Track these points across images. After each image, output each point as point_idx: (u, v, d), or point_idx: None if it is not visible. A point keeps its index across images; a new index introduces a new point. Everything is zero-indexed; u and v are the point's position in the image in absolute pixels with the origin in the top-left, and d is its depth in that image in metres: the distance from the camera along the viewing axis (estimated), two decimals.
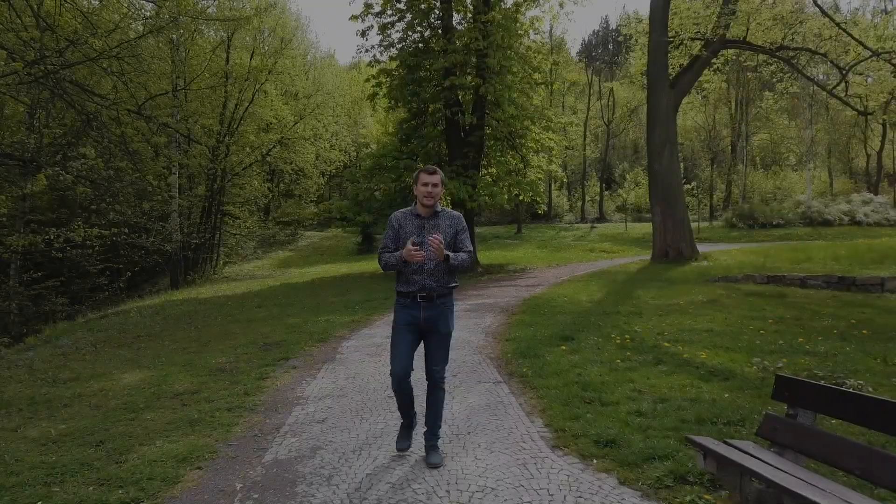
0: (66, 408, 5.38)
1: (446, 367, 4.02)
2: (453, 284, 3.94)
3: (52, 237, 14.09)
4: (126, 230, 14.96)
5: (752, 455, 2.99)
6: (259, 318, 10.85)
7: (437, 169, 3.88)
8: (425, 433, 3.99)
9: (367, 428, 4.58)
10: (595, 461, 3.85)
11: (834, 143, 46.30)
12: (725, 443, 3.21)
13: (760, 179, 46.96)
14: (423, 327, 3.87)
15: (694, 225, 37.75)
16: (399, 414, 4.13)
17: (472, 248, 3.96)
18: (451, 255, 3.76)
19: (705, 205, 46.23)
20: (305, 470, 3.79)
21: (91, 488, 3.60)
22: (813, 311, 9.81)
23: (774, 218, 36.13)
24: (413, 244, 3.66)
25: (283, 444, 4.27)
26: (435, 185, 3.83)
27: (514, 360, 6.80)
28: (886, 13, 24.12)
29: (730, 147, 45.76)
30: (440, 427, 4.03)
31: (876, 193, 41.30)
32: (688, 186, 45.99)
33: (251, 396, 5.51)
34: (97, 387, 6.08)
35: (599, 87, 49.75)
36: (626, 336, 7.96)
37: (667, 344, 7.49)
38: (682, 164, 50.97)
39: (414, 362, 3.94)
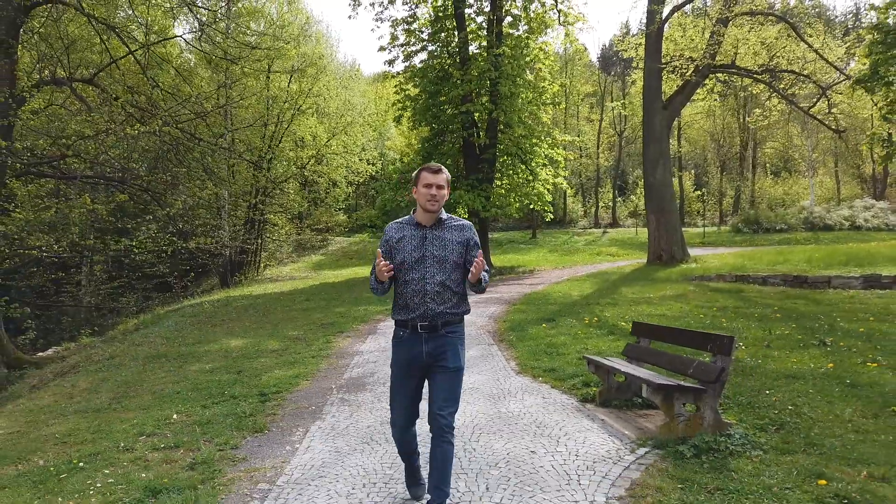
0: (204, 356, 8.14)
1: (456, 414, 3.22)
2: (464, 310, 3.30)
3: (135, 243, 17.01)
4: (195, 237, 17.86)
5: (614, 362, 5.56)
6: (311, 308, 13.59)
7: (443, 167, 3.25)
8: (429, 502, 3.16)
9: None
10: (540, 378, 6.46)
11: (841, 150, 47.85)
12: (605, 357, 5.79)
13: (769, 186, 48.79)
14: (427, 364, 3.21)
15: (701, 230, 39.99)
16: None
17: (487, 266, 3.32)
18: (483, 275, 3.16)
19: (715, 211, 48.27)
20: (369, 381, 6.47)
21: (248, 389, 6.30)
22: (755, 302, 12.20)
23: (778, 223, 38.02)
24: (384, 263, 3.10)
25: (353, 371, 6.95)
26: (440, 187, 3.18)
27: (505, 333, 9.40)
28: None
29: (738, 155, 47.67)
30: (448, 494, 3.17)
31: (881, 199, 42.91)
32: (698, 192, 48.06)
33: (324, 351, 8.21)
34: (216, 347, 8.85)
35: (612, 94, 52.10)
36: (595, 318, 10.50)
37: (623, 324, 10.00)
38: (693, 172, 53.01)
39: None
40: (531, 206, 24.00)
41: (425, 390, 3.35)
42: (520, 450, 4.24)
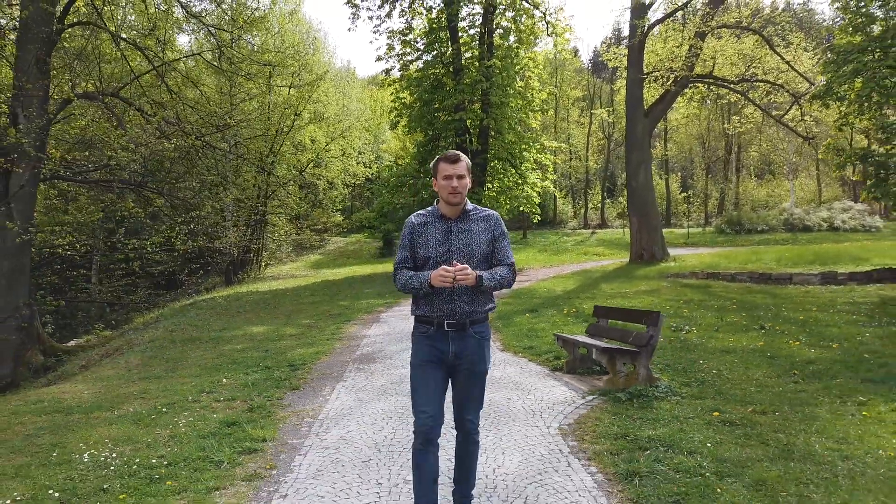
0: (232, 340, 9.42)
1: (480, 414, 3.24)
2: (490, 307, 3.16)
3: (148, 244, 18.21)
4: (204, 237, 19.11)
5: (578, 337, 6.89)
6: (317, 302, 14.86)
7: (461, 154, 3.08)
8: (454, 492, 3.21)
9: (405, 345, 8.51)
10: (520, 354, 7.78)
11: (820, 154, 49.36)
12: (571, 334, 7.12)
13: (753, 188, 50.40)
14: (452, 364, 3.08)
15: (685, 230, 41.46)
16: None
17: (513, 259, 3.17)
18: (484, 275, 2.96)
19: (700, 212, 49.82)
20: (378, 356, 7.77)
21: (278, 362, 7.58)
22: (718, 296, 13.56)
23: (760, 225, 39.47)
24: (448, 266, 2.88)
25: (364, 349, 8.26)
26: (461, 177, 3.02)
27: (492, 321, 10.71)
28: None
29: (723, 159, 49.23)
30: (473, 487, 3.24)
31: (862, 201, 44.56)
32: (684, 195, 49.55)
33: (336, 335, 9.51)
34: (240, 333, 10.13)
35: (601, 98, 53.59)
36: (574, 310, 11.82)
37: None
38: (679, 174, 54.48)
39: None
40: (520, 209, 25.38)
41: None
42: (499, 398, 5.56)
